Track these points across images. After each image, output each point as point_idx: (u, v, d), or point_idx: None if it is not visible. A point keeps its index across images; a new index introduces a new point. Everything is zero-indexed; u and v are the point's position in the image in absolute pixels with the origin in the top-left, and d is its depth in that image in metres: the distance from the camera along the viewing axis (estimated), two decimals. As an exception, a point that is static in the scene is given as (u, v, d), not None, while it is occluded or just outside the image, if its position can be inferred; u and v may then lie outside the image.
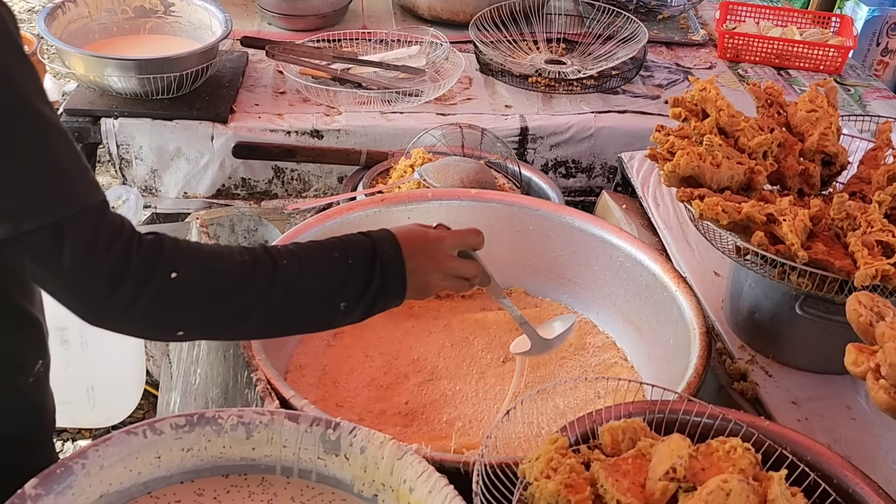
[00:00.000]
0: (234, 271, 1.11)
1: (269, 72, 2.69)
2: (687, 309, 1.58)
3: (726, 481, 1.01)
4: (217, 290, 1.10)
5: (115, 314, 1.05)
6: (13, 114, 0.97)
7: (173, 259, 1.06)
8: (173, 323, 1.09)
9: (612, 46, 2.84)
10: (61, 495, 1.07)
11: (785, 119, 1.77)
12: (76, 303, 1.05)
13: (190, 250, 1.09)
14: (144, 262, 1.03)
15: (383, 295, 1.24)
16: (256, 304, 1.13)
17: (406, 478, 1.14)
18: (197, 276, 1.08)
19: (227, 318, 1.13)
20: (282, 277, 1.14)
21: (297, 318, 1.19)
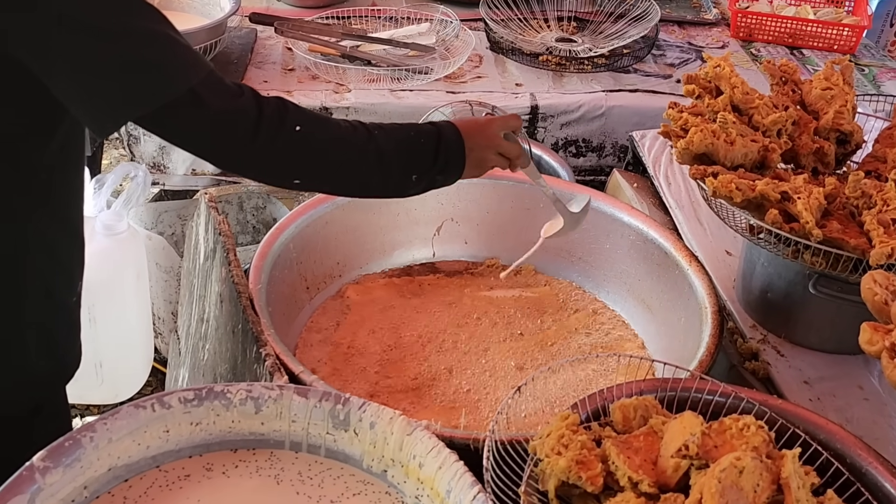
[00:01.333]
0: (341, 131, 1.29)
1: (278, 49, 2.68)
2: (699, 287, 1.57)
3: (739, 458, 1.00)
4: (330, 144, 1.27)
5: (253, 157, 1.22)
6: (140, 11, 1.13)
7: (297, 115, 1.23)
8: (296, 168, 1.27)
9: (624, 25, 2.82)
10: (69, 468, 1.07)
11: (799, 97, 1.75)
12: (223, 150, 1.22)
13: (307, 111, 1.28)
14: (274, 113, 1.21)
15: (447, 169, 1.40)
16: (358, 160, 1.31)
17: (416, 453, 1.14)
18: (315, 129, 1.26)
19: (336, 169, 1.31)
20: (375, 141, 1.31)
21: (384, 180, 1.36)
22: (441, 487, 1.10)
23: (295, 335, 1.65)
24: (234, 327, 1.45)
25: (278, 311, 1.53)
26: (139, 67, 1.12)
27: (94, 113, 1.15)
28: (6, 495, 1.01)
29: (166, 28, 1.15)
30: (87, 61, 1.09)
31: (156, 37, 1.13)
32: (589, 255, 1.81)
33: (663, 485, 1.07)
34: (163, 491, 1.13)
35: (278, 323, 1.47)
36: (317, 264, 1.73)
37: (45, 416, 1.39)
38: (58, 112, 1.16)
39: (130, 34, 1.10)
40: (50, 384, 1.40)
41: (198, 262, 1.75)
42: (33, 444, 1.23)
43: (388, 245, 1.83)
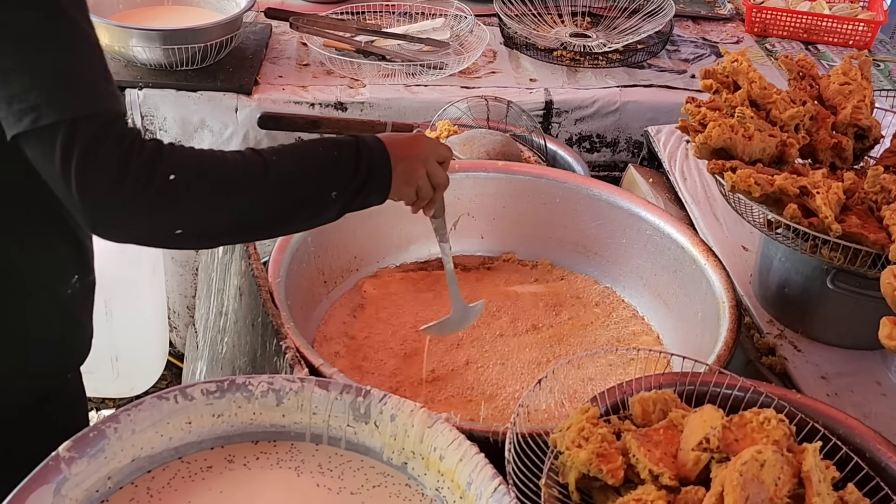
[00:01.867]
0: (228, 169, 1.14)
1: (293, 44, 2.68)
2: (716, 282, 1.57)
3: (760, 452, 1.00)
4: (212, 189, 1.13)
5: (116, 213, 1.08)
6: (48, 14, 1.03)
7: (171, 161, 1.08)
8: (172, 222, 1.11)
9: (638, 20, 2.81)
10: (94, 458, 1.08)
11: (817, 92, 1.75)
12: (82, 203, 1.06)
13: (185, 153, 1.12)
14: (145, 164, 1.06)
15: (370, 182, 1.26)
16: (251, 199, 1.16)
17: (436, 446, 1.14)
18: (193, 175, 1.10)
19: (223, 215, 1.15)
20: (274, 170, 1.17)
21: (292, 210, 1.21)
22: (462, 480, 1.11)
23: (313, 329, 1.65)
24: (253, 320, 1.46)
25: (297, 305, 1.54)
26: None
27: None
28: (32, 485, 1.02)
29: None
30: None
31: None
32: (605, 249, 1.81)
33: (683, 478, 1.07)
34: (185, 482, 1.14)
35: (297, 316, 1.47)
36: (334, 258, 1.73)
37: (55, 405, 1.37)
38: None
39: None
40: (52, 375, 1.36)
41: (217, 255, 1.76)
42: (46, 431, 1.26)
43: (404, 239, 1.84)
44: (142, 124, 2.41)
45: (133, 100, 2.38)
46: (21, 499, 1.01)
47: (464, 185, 1.83)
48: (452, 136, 2.08)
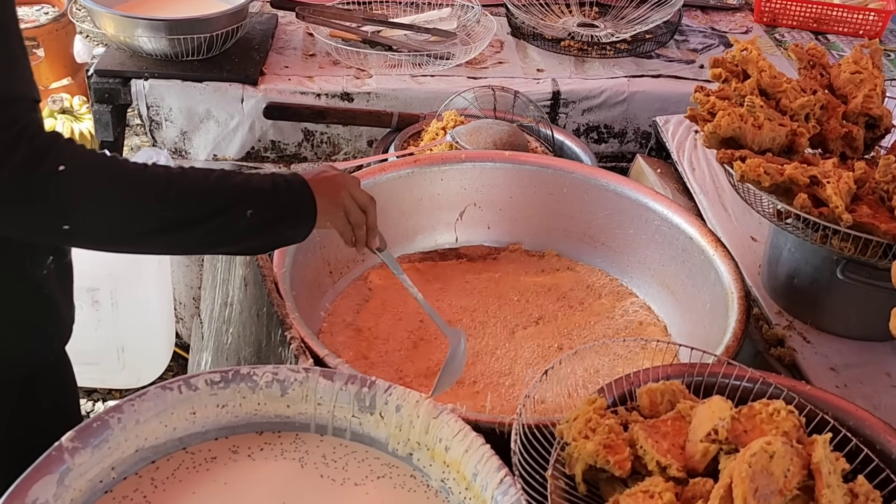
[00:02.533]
0: (125, 172, 1.10)
1: (299, 34, 2.67)
2: (725, 273, 1.55)
3: (770, 443, 0.99)
4: (107, 185, 1.08)
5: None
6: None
7: (64, 153, 1.04)
8: (58, 214, 1.06)
9: (646, 10, 2.79)
10: (98, 449, 1.07)
11: (828, 81, 1.73)
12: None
13: (84, 150, 1.08)
14: (34, 151, 1.02)
15: (294, 208, 1.24)
16: (145, 206, 1.11)
17: (442, 437, 1.13)
18: (85, 173, 1.06)
19: (115, 216, 1.11)
20: (177, 181, 1.13)
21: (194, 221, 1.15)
22: (467, 471, 1.10)
23: (318, 320, 1.65)
24: (258, 311, 1.45)
25: (302, 296, 1.53)
26: None
27: None
28: (36, 475, 1.02)
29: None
30: None
31: None
32: (613, 240, 1.80)
33: (692, 469, 1.06)
34: (189, 472, 1.14)
35: (302, 307, 1.46)
36: (340, 248, 1.71)
37: (39, 386, 1.36)
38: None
39: None
40: (30, 357, 1.33)
41: (221, 246, 1.75)
42: (30, 413, 1.31)
43: (411, 230, 1.83)
44: (147, 115, 2.41)
45: (138, 90, 2.38)
46: (24, 489, 1.00)
47: (470, 175, 1.82)
48: (459, 126, 2.07)
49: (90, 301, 2.31)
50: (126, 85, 2.39)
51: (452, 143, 2.02)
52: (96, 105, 2.42)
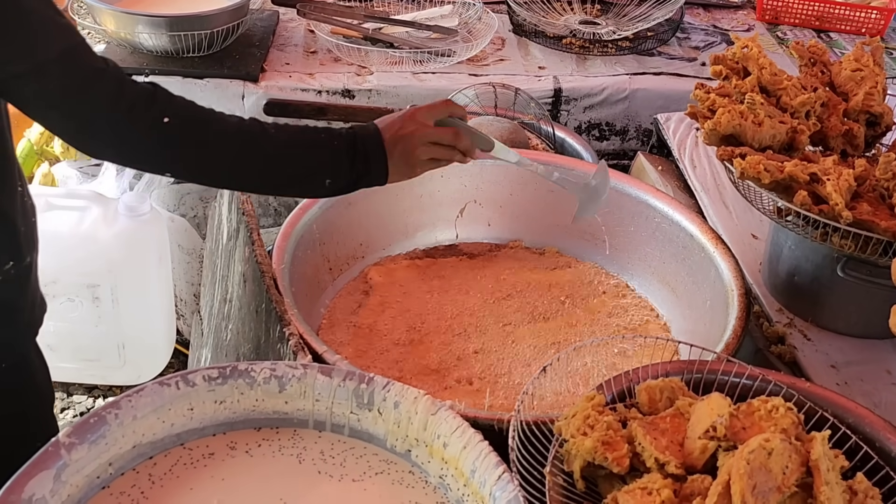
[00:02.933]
0: (222, 125, 1.20)
1: (301, 31, 2.67)
2: (725, 270, 1.55)
3: (768, 440, 0.99)
4: (203, 141, 1.19)
5: (109, 142, 1.16)
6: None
7: (169, 105, 1.15)
8: (164, 159, 1.19)
9: (648, 8, 2.79)
10: (94, 444, 1.07)
11: (828, 78, 1.73)
12: (74, 132, 1.16)
13: (182, 104, 1.18)
14: (138, 100, 1.13)
15: (366, 176, 1.30)
16: (238, 159, 1.22)
17: (440, 433, 1.13)
18: (188, 122, 1.17)
19: (210, 165, 1.22)
20: (268, 139, 1.23)
21: (279, 181, 1.27)
22: (465, 467, 1.10)
23: (317, 316, 1.64)
24: (257, 307, 1.45)
25: (301, 292, 1.53)
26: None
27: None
28: (32, 470, 1.01)
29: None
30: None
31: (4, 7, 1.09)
32: (613, 237, 1.79)
33: (690, 466, 1.06)
34: (187, 468, 1.14)
35: (301, 304, 1.46)
36: (339, 245, 1.72)
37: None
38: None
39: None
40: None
41: (221, 242, 1.75)
42: None
43: (410, 227, 1.83)
44: (148, 111, 2.40)
45: (139, 87, 2.37)
46: (20, 484, 1.00)
47: (471, 172, 1.82)
48: (459, 124, 2.07)
49: (90, 297, 2.31)
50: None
51: (453, 140, 2.01)
52: (97, 101, 2.42)
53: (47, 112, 1.14)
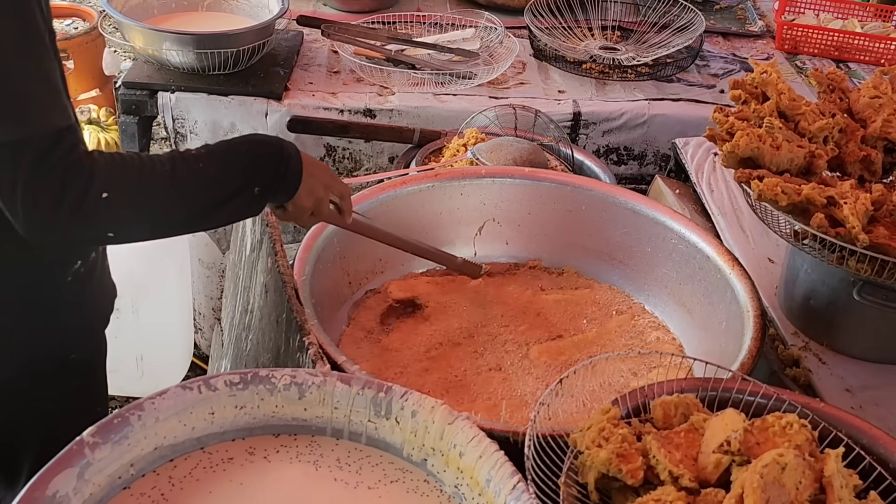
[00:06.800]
0: (154, 179, 1.24)
1: (324, 51, 2.71)
2: (741, 292, 1.56)
3: (782, 455, 1.00)
4: (143, 204, 1.24)
5: (53, 229, 1.19)
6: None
7: (105, 180, 1.18)
8: (104, 229, 1.24)
9: (668, 35, 2.82)
10: (117, 445, 1.09)
11: (847, 105, 1.74)
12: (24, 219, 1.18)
13: (119, 169, 1.21)
14: (80, 187, 1.16)
15: (285, 180, 1.36)
16: (180, 205, 1.27)
17: (456, 442, 1.14)
18: (124, 193, 1.21)
19: (154, 217, 1.27)
20: (201, 177, 1.27)
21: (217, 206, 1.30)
22: (481, 477, 1.11)
23: (337, 330, 1.66)
24: (277, 317, 1.47)
25: (321, 304, 1.54)
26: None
27: None
28: (57, 468, 1.03)
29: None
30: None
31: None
32: (630, 258, 1.81)
33: (704, 481, 1.07)
34: (206, 472, 1.15)
35: (321, 316, 1.48)
36: (360, 260, 1.74)
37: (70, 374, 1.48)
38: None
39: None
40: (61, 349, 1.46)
41: (244, 253, 1.77)
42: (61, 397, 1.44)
43: (430, 243, 1.84)
44: (173, 127, 2.44)
45: (165, 103, 2.42)
46: (45, 481, 1.02)
47: (490, 191, 1.84)
48: (480, 144, 2.09)
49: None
50: (153, 97, 2.43)
51: (473, 160, 2.04)
52: (123, 116, 2.46)
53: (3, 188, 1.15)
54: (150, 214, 1.26)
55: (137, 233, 1.30)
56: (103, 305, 1.54)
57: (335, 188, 1.47)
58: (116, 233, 1.26)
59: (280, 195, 1.38)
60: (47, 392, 1.46)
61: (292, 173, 1.36)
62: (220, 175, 1.29)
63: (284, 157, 1.35)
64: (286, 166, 1.35)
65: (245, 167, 1.31)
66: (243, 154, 1.33)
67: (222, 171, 1.29)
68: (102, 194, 1.18)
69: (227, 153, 1.33)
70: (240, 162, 1.32)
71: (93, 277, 1.46)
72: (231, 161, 1.32)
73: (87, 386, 1.56)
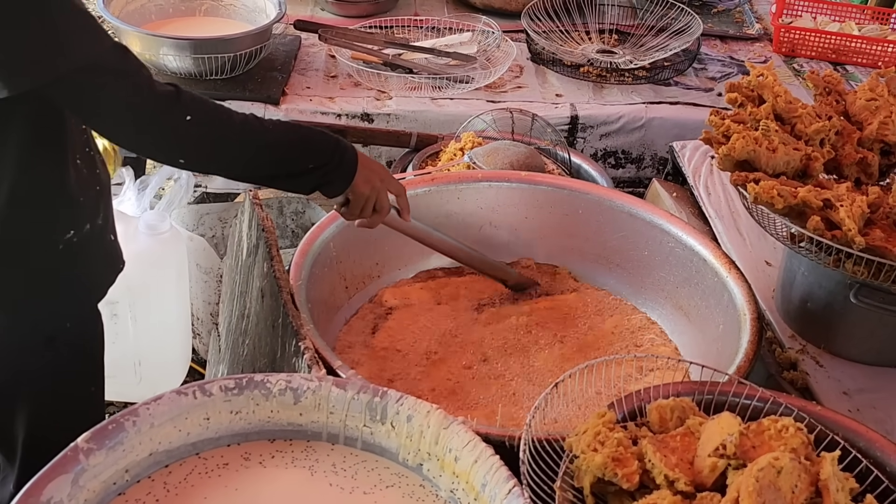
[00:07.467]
0: (233, 123, 1.36)
1: (322, 56, 2.71)
2: (738, 295, 1.56)
3: (778, 459, 1.00)
4: (219, 136, 1.35)
5: (135, 140, 1.33)
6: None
7: (189, 105, 1.31)
8: (178, 152, 1.35)
9: (665, 38, 2.82)
10: (112, 450, 1.09)
11: (843, 108, 1.74)
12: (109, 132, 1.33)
13: (202, 103, 1.35)
14: (164, 98, 1.28)
15: (340, 168, 1.46)
16: (247, 149, 1.39)
17: (451, 447, 1.14)
18: (205, 124, 1.33)
19: (223, 156, 1.39)
20: (267, 135, 1.40)
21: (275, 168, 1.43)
22: (476, 481, 1.11)
23: (333, 336, 1.66)
24: (273, 322, 1.47)
25: (317, 309, 1.54)
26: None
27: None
28: (51, 474, 1.03)
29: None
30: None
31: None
32: (627, 261, 1.81)
33: (699, 484, 1.06)
34: (202, 478, 1.15)
35: (317, 321, 1.48)
36: (356, 264, 1.74)
37: (60, 345, 1.49)
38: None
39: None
40: (52, 318, 1.48)
41: (240, 259, 1.77)
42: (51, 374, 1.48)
43: (427, 248, 1.84)
44: (170, 132, 2.44)
45: (162, 108, 2.41)
46: (39, 487, 1.02)
47: (487, 195, 1.84)
48: (477, 147, 2.09)
49: (109, 314, 2.32)
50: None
51: (470, 164, 2.04)
52: (121, 122, 2.46)
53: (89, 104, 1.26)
54: (219, 152, 1.37)
55: (204, 163, 1.43)
56: (100, 278, 1.56)
57: (392, 185, 1.55)
58: (187, 159, 1.37)
59: (336, 182, 1.47)
60: (39, 363, 1.47)
61: (348, 161, 1.46)
62: (283, 142, 1.42)
63: (341, 146, 1.46)
64: (341, 155, 1.45)
65: (306, 144, 1.44)
66: (306, 135, 1.46)
67: (286, 140, 1.42)
68: (186, 116, 1.30)
69: (295, 129, 1.51)
70: (301, 139, 1.44)
71: (88, 248, 1.47)
72: (296, 135, 1.46)
73: (80, 362, 1.58)
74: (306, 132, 1.49)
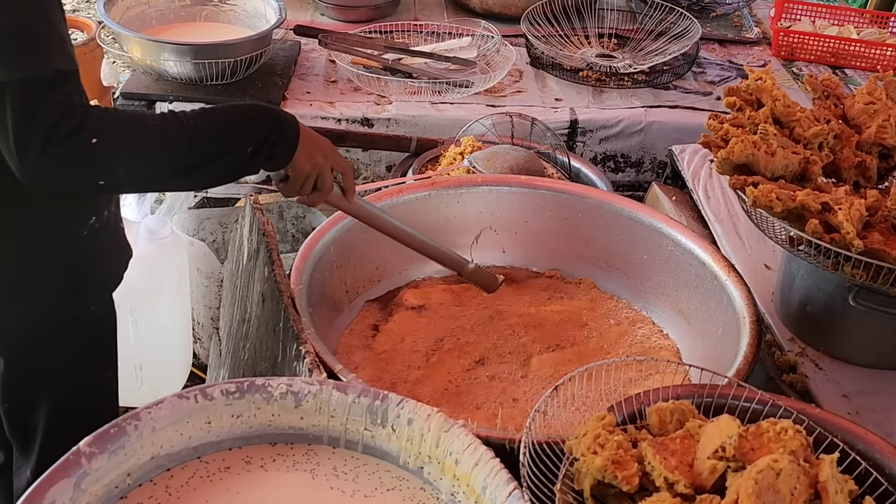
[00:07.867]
0: (145, 131, 1.28)
1: (322, 61, 2.72)
2: (737, 298, 1.56)
3: (777, 461, 1.00)
4: (130, 154, 1.27)
5: (42, 170, 1.22)
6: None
7: (95, 127, 1.21)
8: (94, 175, 1.26)
9: (664, 42, 2.82)
10: (114, 454, 1.09)
11: (842, 111, 1.75)
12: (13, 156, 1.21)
13: (111, 119, 1.26)
14: (71, 130, 1.19)
15: (279, 142, 1.37)
16: (168, 158, 1.30)
17: (452, 450, 1.15)
18: (113, 141, 1.24)
19: (141, 171, 1.30)
20: (192, 133, 1.30)
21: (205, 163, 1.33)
22: (477, 484, 1.11)
23: (334, 339, 1.66)
24: (274, 326, 1.47)
25: (318, 313, 1.55)
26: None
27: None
28: (53, 478, 1.04)
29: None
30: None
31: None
32: (626, 265, 1.81)
33: (699, 487, 1.07)
34: (203, 481, 1.16)
35: (317, 324, 1.49)
36: (356, 269, 1.75)
37: (84, 328, 1.55)
38: None
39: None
40: (79, 302, 1.51)
41: (241, 263, 1.78)
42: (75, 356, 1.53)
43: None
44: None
45: (163, 113, 2.42)
46: (42, 491, 1.02)
47: (486, 199, 1.84)
48: (476, 152, 2.10)
49: (110, 319, 2.33)
50: (151, 107, 2.44)
51: (470, 168, 2.04)
52: (121, 127, 2.46)
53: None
54: (137, 164, 1.28)
55: (127, 182, 1.33)
56: (117, 264, 1.59)
57: (337, 162, 1.48)
58: (106, 180, 1.27)
59: (276, 157, 1.38)
60: (62, 347, 1.51)
61: (287, 137, 1.38)
62: (210, 132, 1.32)
63: (280, 120, 1.37)
64: (281, 129, 1.36)
65: (238, 127, 1.34)
66: (237, 115, 1.36)
67: (214, 129, 1.33)
68: (92, 139, 1.21)
69: (222, 112, 1.38)
70: (233, 121, 1.35)
71: (106, 234, 1.50)
72: (224, 120, 1.35)
73: (101, 345, 1.62)
74: (241, 111, 1.38)
